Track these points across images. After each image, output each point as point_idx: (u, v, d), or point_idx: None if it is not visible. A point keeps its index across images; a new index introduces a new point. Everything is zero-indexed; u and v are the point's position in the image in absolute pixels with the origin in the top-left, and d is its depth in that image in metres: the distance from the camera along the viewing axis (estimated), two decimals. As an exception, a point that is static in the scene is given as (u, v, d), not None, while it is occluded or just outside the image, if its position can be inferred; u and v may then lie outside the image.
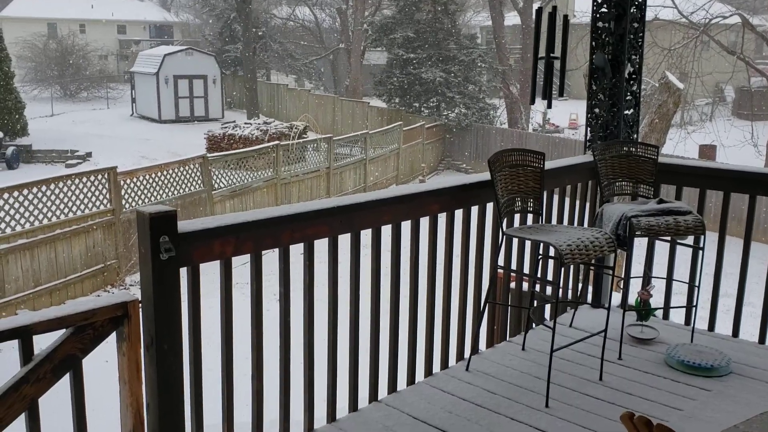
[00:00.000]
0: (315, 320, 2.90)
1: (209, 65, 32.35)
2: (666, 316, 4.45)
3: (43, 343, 2.17)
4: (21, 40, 38.44)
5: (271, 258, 2.74)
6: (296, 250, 2.77)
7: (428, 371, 3.53)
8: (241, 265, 2.67)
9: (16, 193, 10.79)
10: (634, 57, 4.32)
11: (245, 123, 23.10)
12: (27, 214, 11.00)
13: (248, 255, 2.64)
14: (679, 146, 17.71)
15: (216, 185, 14.88)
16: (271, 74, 42.36)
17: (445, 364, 3.62)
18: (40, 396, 2.14)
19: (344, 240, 2.96)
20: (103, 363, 2.90)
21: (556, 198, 4.14)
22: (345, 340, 3.04)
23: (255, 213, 2.65)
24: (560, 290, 4.20)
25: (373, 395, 3.26)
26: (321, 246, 2.90)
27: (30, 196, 11.03)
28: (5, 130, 22.26)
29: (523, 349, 3.82)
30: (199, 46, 38.60)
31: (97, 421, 2.75)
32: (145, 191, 13.13)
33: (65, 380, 2.23)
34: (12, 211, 10.73)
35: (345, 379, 3.09)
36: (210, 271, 2.64)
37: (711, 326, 4.13)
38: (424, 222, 3.34)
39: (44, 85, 37.33)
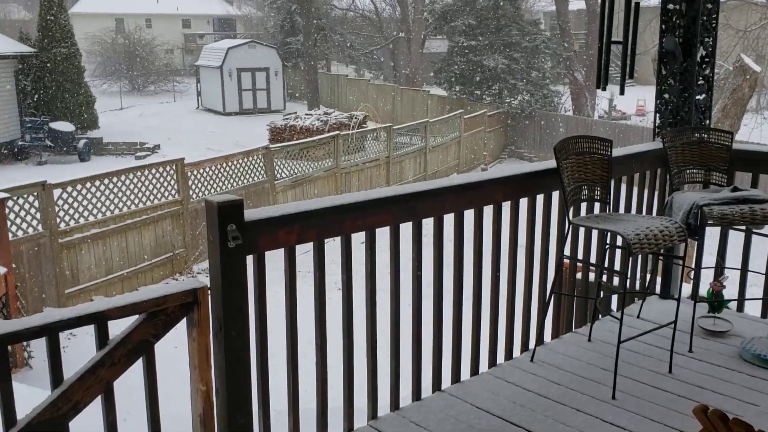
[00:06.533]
0: (377, 309, 2.91)
1: (271, 58, 32.82)
2: (740, 308, 4.28)
3: (116, 328, 2.25)
4: (90, 36, 39.81)
5: (331, 247, 2.76)
6: (358, 239, 2.78)
7: (492, 362, 3.50)
8: (303, 254, 2.70)
9: (88, 185, 11.20)
10: (707, 39, 4.15)
11: (306, 114, 23.36)
12: (99, 205, 11.41)
13: (311, 243, 2.67)
14: (755, 132, 16.97)
15: (278, 175, 15.11)
16: (332, 65, 42.67)
17: (509, 354, 3.58)
18: (115, 379, 2.22)
19: (406, 228, 2.95)
20: (172, 349, 2.99)
21: (623, 187, 4.02)
22: (407, 328, 3.04)
23: (318, 202, 2.67)
24: (628, 280, 4.09)
25: (437, 385, 3.26)
26: (383, 234, 2.90)
27: (102, 188, 11.44)
28: (77, 123, 23.12)
29: (589, 340, 3.75)
30: (261, 39, 39.15)
31: (169, 405, 2.84)
32: (211, 182, 13.44)
33: (138, 364, 2.30)
34: (85, 202, 11.16)
35: (408, 368, 3.09)
36: (272, 260, 2.68)
37: (789, 319, 3.96)
38: (488, 211, 3.30)
39: (113, 79, 38.60)
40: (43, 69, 23.13)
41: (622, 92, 3.86)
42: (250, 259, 2.46)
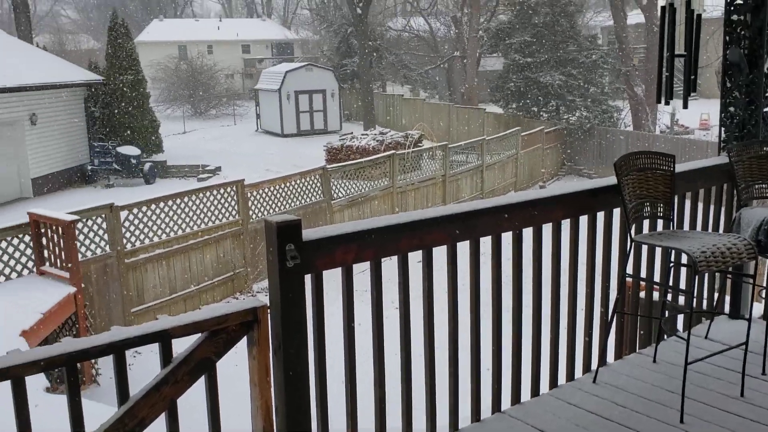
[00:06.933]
0: (435, 328, 2.89)
1: (328, 80, 33.37)
2: (817, 329, 4.07)
3: (180, 347, 2.30)
4: (155, 63, 41.31)
5: (388, 266, 2.77)
6: (415, 258, 2.78)
7: (553, 383, 3.43)
8: (360, 272, 2.71)
9: (153, 206, 11.56)
10: (774, 49, 4.01)
11: (362, 134, 23.58)
12: (163, 226, 11.75)
13: (368, 263, 2.68)
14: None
15: (335, 195, 15.27)
16: (387, 85, 43.03)
17: (570, 375, 3.50)
18: (179, 396, 2.27)
19: (463, 247, 2.93)
20: (233, 367, 3.04)
21: (688, 203, 3.91)
22: (466, 348, 3.01)
23: (374, 221, 2.68)
24: (694, 300, 3.96)
25: (496, 406, 3.20)
26: (440, 253, 2.89)
27: (166, 209, 11.79)
28: (143, 147, 23.94)
29: (654, 361, 3.63)
30: (317, 62, 39.86)
31: (229, 422, 2.87)
32: (270, 202, 13.69)
33: (200, 382, 2.35)
34: (150, 223, 11.51)
35: (467, 388, 3.06)
36: (330, 279, 2.70)
37: None
38: (547, 229, 3.25)
39: (177, 104, 39.88)
40: (111, 96, 24.08)
41: (685, 106, 3.76)
42: (308, 278, 2.48)
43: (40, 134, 21.13)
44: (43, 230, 9.43)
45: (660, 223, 3.57)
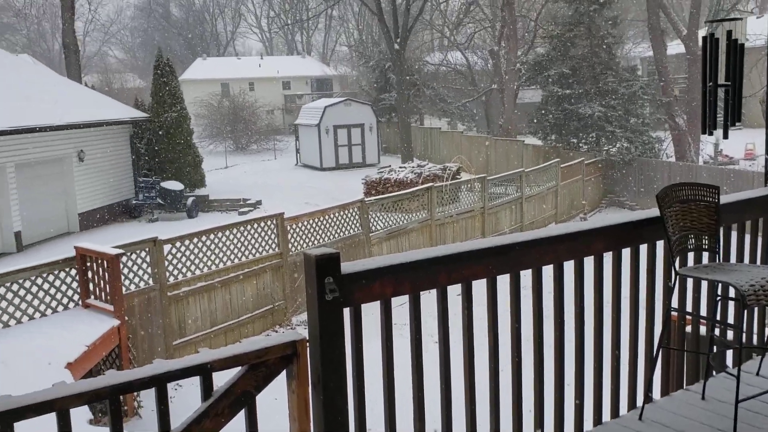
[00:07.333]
0: (475, 363, 2.85)
1: (366, 114, 33.78)
2: None
3: (220, 380, 2.31)
4: (198, 100, 42.39)
5: (427, 299, 2.75)
6: (454, 291, 2.76)
7: (597, 419, 3.34)
8: (399, 306, 2.70)
9: (195, 240, 11.74)
10: (820, 78, 3.93)
11: (400, 167, 23.70)
12: (205, 259, 11.91)
13: (406, 296, 2.67)
14: None
15: (373, 228, 15.31)
16: (425, 118, 43.29)
17: (615, 412, 3.41)
18: (219, 430, 2.27)
19: (503, 281, 2.90)
20: (272, 400, 3.04)
21: (734, 235, 3.81)
22: (507, 384, 2.96)
23: (412, 254, 2.68)
24: (743, 335, 3.83)
25: (538, 443, 3.13)
26: (479, 287, 2.86)
27: (207, 242, 11.96)
28: (186, 182, 24.44)
29: (702, 398, 3.52)
30: (356, 97, 40.41)
31: (268, 457, 2.87)
32: (309, 235, 13.78)
33: (240, 415, 2.35)
34: (192, 256, 11.68)
35: (508, 424, 3.00)
36: (368, 312, 2.69)
37: None
38: (588, 262, 3.20)
39: (219, 139, 40.73)
40: (156, 132, 24.73)
41: (725, 136, 3.70)
42: (346, 312, 2.48)
43: (87, 170, 21.77)
44: (88, 264, 9.65)
45: (705, 255, 3.49)
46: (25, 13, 62.41)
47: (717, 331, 3.98)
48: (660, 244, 3.37)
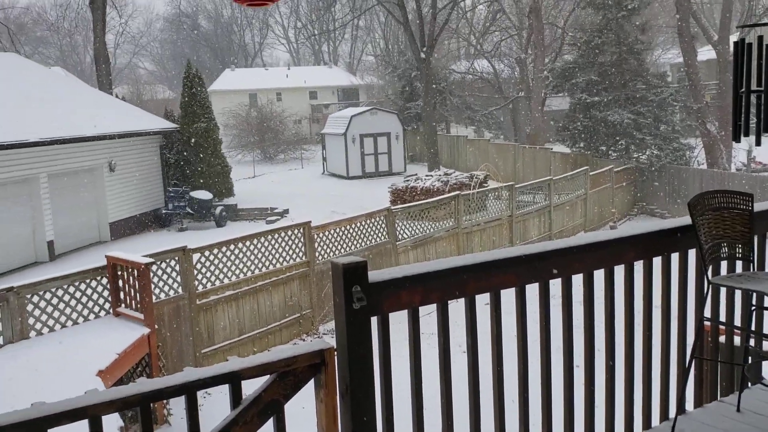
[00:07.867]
0: (504, 373, 2.83)
1: (392, 123, 33.85)
2: None
3: (249, 388, 2.32)
4: (227, 111, 42.89)
5: (455, 308, 2.73)
6: (482, 300, 2.74)
7: (629, 431, 3.29)
8: (426, 315, 2.69)
9: (224, 249, 11.84)
10: None
11: (426, 175, 23.67)
12: (233, 268, 12.00)
13: (434, 305, 2.66)
14: None
15: (400, 236, 15.29)
16: (451, 126, 43.26)
17: (647, 424, 3.35)
18: (247, 438, 2.28)
19: (532, 290, 2.88)
20: (300, 409, 3.04)
21: (769, 242, 3.73)
22: (536, 394, 2.93)
23: (440, 263, 2.66)
24: (780, 345, 3.75)
25: (569, 454, 3.09)
26: (508, 296, 2.84)
27: (236, 251, 12.05)
28: (214, 191, 24.70)
29: (738, 410, 3.44)
30: (382, 106, 40.52)
31: (297, 465, 2.87)
32: (336, 243, 13.82)
33: (268, 424, 2.36)
34: (220, 265, 11.77)
35: (537, 436, 2.97)
36: (396, 321, 2.69)
37: None
38: (619, 270, 3.16)
39: (247, 149, 41.13)
40: (185, 142, 25.05)
41: (758, 143, 3.62)
42: (374, 321, 2.48)
43: (118, 180, 22.12)
44: (119, 272, 9.79)
45: (739, 264, 3.43)
46: (58, 26, 63.82)
47: (752, 342, 3.89)
48: (692, 253, 3.32)
